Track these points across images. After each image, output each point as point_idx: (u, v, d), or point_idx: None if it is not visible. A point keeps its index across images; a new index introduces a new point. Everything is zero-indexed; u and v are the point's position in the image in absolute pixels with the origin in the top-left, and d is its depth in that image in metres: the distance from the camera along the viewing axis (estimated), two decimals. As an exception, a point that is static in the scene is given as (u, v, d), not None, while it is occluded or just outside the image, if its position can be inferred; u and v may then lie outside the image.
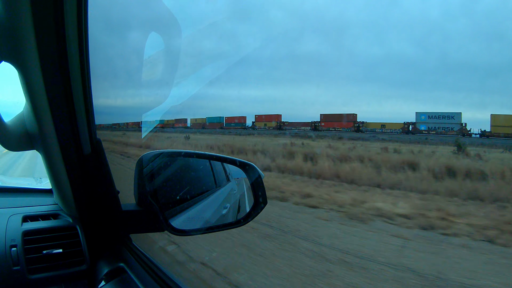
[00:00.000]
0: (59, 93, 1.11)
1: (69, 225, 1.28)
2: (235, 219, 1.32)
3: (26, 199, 1.47)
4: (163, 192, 1.20)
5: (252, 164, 1.24)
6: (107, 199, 1.23)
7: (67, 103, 1.13)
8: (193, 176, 1.35)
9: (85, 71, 1.12)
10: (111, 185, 1.24)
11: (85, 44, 1.10)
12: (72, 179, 1.23)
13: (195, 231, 1.25)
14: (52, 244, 1.22)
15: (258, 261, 3.80)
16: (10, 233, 1.20)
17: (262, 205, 1.21)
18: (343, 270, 3.64)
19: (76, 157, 1.21)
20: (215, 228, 1.24)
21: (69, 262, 1.21)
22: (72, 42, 1.07)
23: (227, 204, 1.44)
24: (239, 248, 4.14)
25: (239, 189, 1.46)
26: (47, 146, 1.18)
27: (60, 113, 1.13)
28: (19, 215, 1.29)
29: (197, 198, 1.32)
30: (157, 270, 1.10)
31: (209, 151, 6.81)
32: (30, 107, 1.13)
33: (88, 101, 1.16)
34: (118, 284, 1.12)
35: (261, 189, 1.22)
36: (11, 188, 1.63)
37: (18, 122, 1.19)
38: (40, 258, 1.18)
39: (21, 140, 1.19)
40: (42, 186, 1.66)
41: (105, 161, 1.22)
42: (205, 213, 1.34)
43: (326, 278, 3.47)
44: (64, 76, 1.09)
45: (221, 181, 1.48)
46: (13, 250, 1.15)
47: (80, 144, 1.20)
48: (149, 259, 1.18)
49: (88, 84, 1.14)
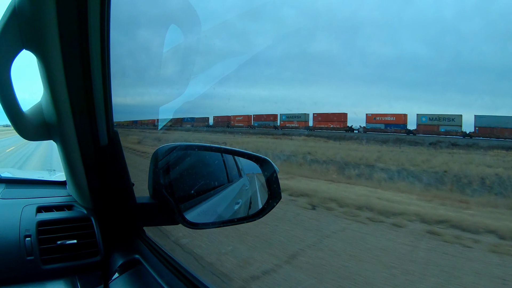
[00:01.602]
0: (79, 83, 1.11)
1: (83, 216, 1.29)
2: (247, 214, 1.33)
3: (40, 191, 1.48)
4: (178, 186, 1.20)
5: (268, 159, 1.25)
6: (122, 191, 1.24)
7: (86, 94, 1.14)
8: (206, 170, 1.36)
9: (106, 63, 1.13)
10: (126, 177, 1.24)
11: (106, 36, 1.10)
12: (87, 170, 1.24)
13: (209, 224, 1.26)
14: (66, 235, 1.22)
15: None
16: (24, 223, 1.20)
17: (277, 200, 1.22)
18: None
19: (92, 148, 1.22)
20: (230, 222, 1.25)
21: (83, 253, 1.21)
22: (94, 33, 1.08)
23: (239, 200, 1.45)
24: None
25: (251, 185, 1.47)
26: (64, 136, 1.19)
27: (79, 104, 1.14)
28: (33, 205, 1.30)
29: (210, 192, 1.33)
30: (172, 261, 1.10)
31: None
32: (49, 97, 1.13)
33: (107, 92, 1.16)
34: (132, 275, 1.12)
35: (275, 184, 1.23)
36: (25, 180, 1.63)
37: (36, 111, 1.19)
38: (54, 249, 1.18)
39: (38, 129, 1.19)
40: (56, 178, 1.67)
41: (121, 153, 1.23)
42: (218, 207, 1.35)
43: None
44: (84, 67, 1.10)
45: (234, 176, 1.49)
46: (27, 240, 1.15)
47: (97, 135, 1.20)
48: (163, 250, 1.18)
49: (107, 76, 1.15)
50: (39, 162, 9.02)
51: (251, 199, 1.46)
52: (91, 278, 1.18)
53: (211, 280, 3.15)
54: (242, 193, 1.48)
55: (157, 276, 1.04)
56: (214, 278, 3.23)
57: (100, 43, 1.10)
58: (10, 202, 1.33)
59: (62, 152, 1.23)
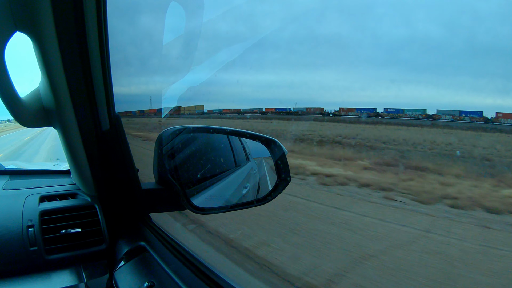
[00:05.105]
0: (77, 65, 1.06)
1: (87, 204, 1.25)
2: (255, 198, 1.28)
3: (43, 181, 1.45)
4: (183, 170, 1.16)
5: (276, 140, 1.19)
6: (126, 177, 1.19)
7: (84, 76, 1.09)
8: (213, 154, 1.31)
9: (104, 41, 1.07)
10: (130, 162, 1.20)
11: (103, 14, 1.05)
12: (90, 156, 1.20)
13: (217, 209, 1.22)
14: (70, 223, 1.19)
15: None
16: (27, 213, 1.17)
17: (286, 182, 1.17)
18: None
19: (94, 133, 1.17)
20: (238, 206, 1.20)
21: (87, 242, 1.18)
22: (90, 12, 1.02)
23: (247, 184, 1.40)
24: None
25: (259, 169, 1.42)
26: (64, 122, 1.14)
27: (78, 87, 1.09)
28: (36, 195, 1.27)
29: (217, 176, 1.28)
30: (178, 247, 1.06)
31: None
32: (46, 81, 1.09)
33: (106, 73, 1.11)
34: (139, 262, 1.08)
35: (285, 166, 1.18)
36: (28, 170, 1.61)
37: (34, 97, 1.15)
38: (57, 238, 1.15)
39: (37, 116, 1.15)
40: (59, 168, 1.64)
41: (124, 138, 1.18)
42: (226, 192, 1.30)
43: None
44: (81, 47, 1.05)
45: (241, 160, 1.43)
46: (30, 231, 1.12)
47: (99, 119, 1.16)
48: (170, 237, 1.14)
49: (106, 56, 1.10)
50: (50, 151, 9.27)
51: (259, 182, 1.41)
52: (97, 267, 1.15)
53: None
54: (250, 177, 1.43)
55: (163, 263, 1.00)
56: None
57: (97, 21, 1.04)
58: (12, 193, 1.30)
59: (63, 138, 1.19)
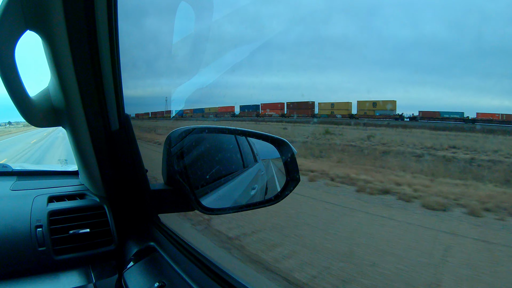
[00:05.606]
0: (87, 64, 1.07)
1: (96, 204, 1.25)
2: (263, 199, 1.27)
3: (51, 181, 1.45)
4: (192, 171, 1.15)
5: (286, 140, 1.19)
6: (135, 177, 1.19)
7: (94, 75, 1.09)
8: (221, 155, 1.30)
9: (114, 42, 1.07)
10: (139, 163, 1.19)
11: (114, 14, 1.05)
12: (99, 156, 1.19)
13: (225, 210, 1.21)
14: (78, 224, 1.18)
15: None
16: (36, 213, 1.17)
17: (295, 183, 1.17)
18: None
19: (103, 133, 1.17)
20: (247, 207, 1.19)
21: (96, 242, 1.18)
22: (100, 10, 1.03)
23: (255, 185, 1.39)
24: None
25: (267, 171, 1.41)
26: (73, 121, 1.14)
27: (87, 86, 1.09)
28: (44, 195, 1.26)
29: (226, 177, 1.28)
30: (189, 248, 1.05)
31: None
32: (56, 80, 1.09)
33: (116, 73, 1.11)
34: (148, 263, 1.08)
35: (294, 166, 1.17)
36: (37, 171, 1.60)
37: (44, 97, 1.15)
38: (66, 239, 1.14)
39: (46, 115, 1.15)
40: (68, 169, 1.64)
41: (133, 138, 1.18)
42: (234, 193, 1.30)
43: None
44: (92, 46, 1.05)
45: (249, 162, 1.43)
46: (38, 231, 1.12)
47: (108, 119, 1.16)
48: (179, 237, 1.13)
49: (116, 57, 1.10)
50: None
51: (267, 184, 1.40)
52: (106, 268, 1.15)
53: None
54: (258, 178, 1.42)
55: (173, 263, 1.00)
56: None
57: (108, 21, 1.05)
58: (21, 194, 1.30)
59: (72, 138, 1.19)
